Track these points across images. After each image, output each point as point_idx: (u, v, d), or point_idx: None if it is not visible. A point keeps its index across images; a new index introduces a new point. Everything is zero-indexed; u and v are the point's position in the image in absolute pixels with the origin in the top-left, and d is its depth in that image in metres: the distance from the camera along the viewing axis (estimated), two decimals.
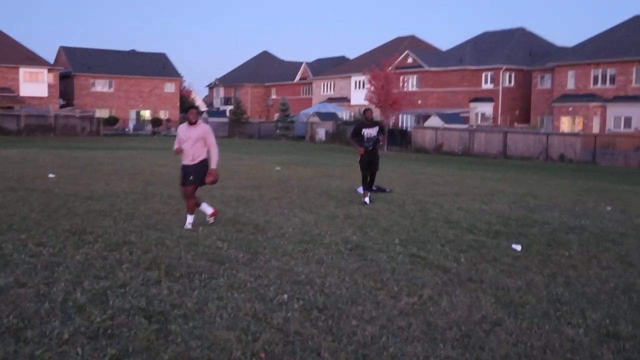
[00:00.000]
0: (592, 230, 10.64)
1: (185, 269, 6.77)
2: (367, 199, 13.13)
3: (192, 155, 9.57)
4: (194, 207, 9.55)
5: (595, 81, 49.75)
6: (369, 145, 13.17)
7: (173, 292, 5.92)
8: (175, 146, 9.76)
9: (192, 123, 9.56)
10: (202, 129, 9.58)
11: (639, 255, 8.64)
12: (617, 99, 47.84)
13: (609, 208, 13.88)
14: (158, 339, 4.69)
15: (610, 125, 47.69)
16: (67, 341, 4.55)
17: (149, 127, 67.63)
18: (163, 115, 73.34)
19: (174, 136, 50.04)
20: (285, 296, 5.93)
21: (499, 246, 8.93)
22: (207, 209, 9.83)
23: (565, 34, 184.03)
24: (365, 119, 13.43)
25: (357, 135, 13.29)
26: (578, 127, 48.35)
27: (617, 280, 7.15)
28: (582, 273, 7.47)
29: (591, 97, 49.23)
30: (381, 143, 13.61)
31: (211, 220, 9.81)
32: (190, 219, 9.51)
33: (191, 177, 9.51)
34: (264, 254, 7.74)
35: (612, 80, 48.72)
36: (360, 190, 14.82)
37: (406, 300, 6.00)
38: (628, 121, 46.93)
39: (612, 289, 6.77)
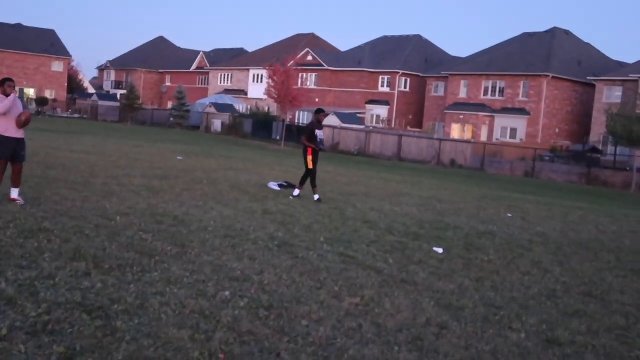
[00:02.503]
0: (502, 236, 11.05)
1: (114, 261, 6.40)
2: (316, 196, 13.29)
3: (21, 128, 9.17)
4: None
5: (486, 92, 52.11)
6: (322, 146, 13.40)
7: (107, 285, 5.56)
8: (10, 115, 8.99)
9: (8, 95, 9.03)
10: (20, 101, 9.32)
11: (550, 262, 9.06)
12: (505, 110, 50.30)
13: (509, 215, 14.50)
14: (105, 336, 4.38)
15: (497, 134, 50.08)
16: (6, 337, 4.15)
17: (34, 107, 64.11)
18: (49, 95, 69.82)
19: (60, 117, 47.60)
20: (227, 293, 5.73)
21: (421, 248, 9.08)
22: None
23: (457, 44, 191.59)
24: (317, 120, 13.48)
25: (311, 135, 13.31)
26: (468, 135, 50.43)
27: (539, 287, 7.44)
28: (505, 278, 7.73)
29: (481, 107, 51.50)
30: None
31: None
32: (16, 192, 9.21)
33: (23, 152, 9.29)
34: (193, 248, 7.46)
35: (501, 92, 51.21)
36: (271, 186, 14.90)
37: (349, 300, 5.96)
38: (514, 132, 49.48)
39: (537, 294, 7.04)
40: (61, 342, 4.18)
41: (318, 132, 13.32)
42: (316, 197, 13.28)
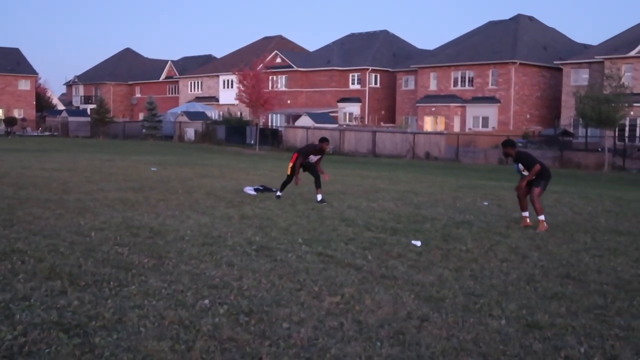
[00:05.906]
0: (479, 224, 11.12)
1: (90, 277, 6.33)
2: (319, 196, 13.62)
3: None
4: None
5: (455, 83, 52.46)
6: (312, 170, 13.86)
7: (84, 302, 5.50)
8: None
9: None
10: None
11: (528, 247, 9.12)
12: (476, 99, 50.67)
13: (485, 203, 14.59)
14: (84, 354, 4.33)
15: (469, 124, 50.45)
16: None
17: (2, 127, 63.29)
18: (18, 114, 68.97)
19: (31, 136, 47.62)
20: (207, 301, 5.69)
21: (399, 242, 9.10)
22: None
23: (425, 37, 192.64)
24: (320, 147, 13.73)
25: (305, 157, 13.72)
26: (440, 127, 50.73)
27: (518, 272, 7.49)
28: (484, 266, 7.77)
29: (452, 98, 51.82)
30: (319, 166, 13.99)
31: None
32: None
33: None
34: (170, 258, 7.41)
35: (471, 82, 51.57)
36: (247, 190, 14.90)
37: (329, 300, 5.95)
38: (485, 120, 49.88)
39: (516, 280, 7.09)
40: None
41: (312, 157, 13.76)
42: (279, 193, 14.10)
